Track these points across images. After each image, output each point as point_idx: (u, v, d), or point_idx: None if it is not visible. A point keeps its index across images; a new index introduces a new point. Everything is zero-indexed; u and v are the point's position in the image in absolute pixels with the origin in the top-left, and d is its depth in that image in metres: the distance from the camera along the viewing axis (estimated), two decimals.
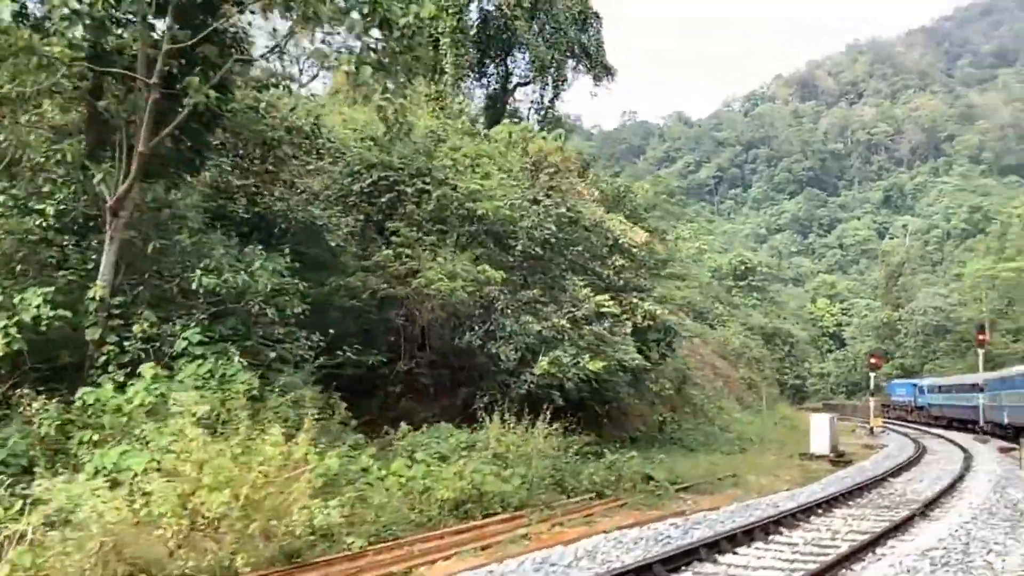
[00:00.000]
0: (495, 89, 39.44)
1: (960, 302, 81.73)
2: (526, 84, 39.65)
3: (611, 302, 20.90)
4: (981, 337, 37.43)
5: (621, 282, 25.54)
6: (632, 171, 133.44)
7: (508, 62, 39.64)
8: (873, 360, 44.30)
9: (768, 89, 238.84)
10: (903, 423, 54.74)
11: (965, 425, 43.03)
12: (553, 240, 21.63)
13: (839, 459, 25.95)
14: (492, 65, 39.43)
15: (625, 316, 25.16)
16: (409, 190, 19.76)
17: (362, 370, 18.85)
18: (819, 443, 26.49)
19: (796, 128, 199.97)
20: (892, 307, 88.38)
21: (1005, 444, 32.36)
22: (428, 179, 19.99)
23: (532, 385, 18.73)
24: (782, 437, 36.12)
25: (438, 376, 20.36)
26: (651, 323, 25.38)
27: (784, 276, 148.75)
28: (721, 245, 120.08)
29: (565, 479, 15.22)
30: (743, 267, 72.96)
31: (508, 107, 39.16)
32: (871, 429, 40.60)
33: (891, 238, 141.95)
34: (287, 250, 14.88)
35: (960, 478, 19.94)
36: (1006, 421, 34.08)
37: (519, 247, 20.50)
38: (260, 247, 14.57)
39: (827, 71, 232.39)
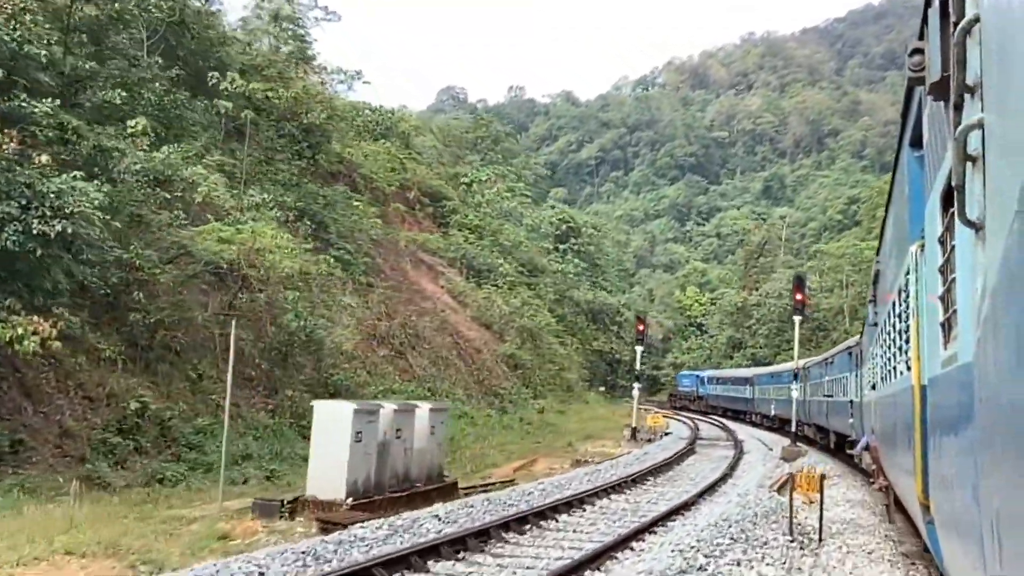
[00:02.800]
0: None
1: (821, 287, 71.62)
2: None
3: None
4: (799, 297, 24.72)
5: None
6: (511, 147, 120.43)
7: None
8: (639, 327, 30.26)
9: (659, 75, 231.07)
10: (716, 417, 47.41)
11: (740, 415, 47.23)
12: None
13: (366, 506, 11.04)
14: None
15: None
16: None
17: None
18: (326, 476, 11.57)
19: (682, 113, 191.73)
20: (749, 291, 77.20)
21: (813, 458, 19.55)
22: None
23: None
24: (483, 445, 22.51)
25: None
26: None
27: (656, 262, 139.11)
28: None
29: None
30: (564, 226, 59.14)
31: None
32: (633, 431, 26.48)
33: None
34: None
35: None
36: (772, 413, 36.39)
37: None
38: None
39: (719, 61, 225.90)
